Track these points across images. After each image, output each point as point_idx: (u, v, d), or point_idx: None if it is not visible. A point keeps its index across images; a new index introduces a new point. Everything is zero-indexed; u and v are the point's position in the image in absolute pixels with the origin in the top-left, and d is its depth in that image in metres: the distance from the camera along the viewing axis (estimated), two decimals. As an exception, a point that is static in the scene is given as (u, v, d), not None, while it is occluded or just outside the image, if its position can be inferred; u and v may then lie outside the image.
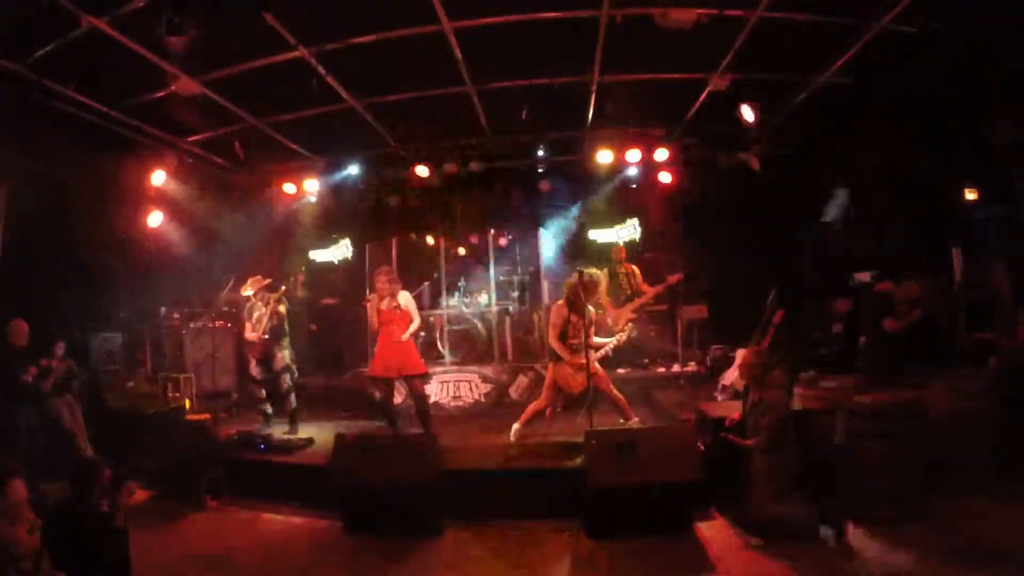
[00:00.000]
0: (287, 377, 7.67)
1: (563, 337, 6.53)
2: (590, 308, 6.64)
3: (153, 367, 8.78)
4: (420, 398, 7.28)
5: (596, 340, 6.70)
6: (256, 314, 7.54)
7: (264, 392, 7.68)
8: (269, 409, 7.70)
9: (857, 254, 8.79)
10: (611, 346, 6.84)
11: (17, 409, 6.23)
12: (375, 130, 8.90)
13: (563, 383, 6.58)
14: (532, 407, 6.79)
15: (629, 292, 9.16)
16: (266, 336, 7.47)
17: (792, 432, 5.14)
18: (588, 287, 6.41)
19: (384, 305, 7.03)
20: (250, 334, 7.55)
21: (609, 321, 8.69)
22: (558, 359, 6.56)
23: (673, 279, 8.95)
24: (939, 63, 6.57)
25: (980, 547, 4.51)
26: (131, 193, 8.61)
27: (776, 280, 8.06)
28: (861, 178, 8.56)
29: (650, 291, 9.11)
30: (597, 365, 6.56)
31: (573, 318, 6.50)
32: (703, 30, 6.12)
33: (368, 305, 7.19)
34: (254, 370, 7.62)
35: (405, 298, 7.13)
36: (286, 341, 7.71)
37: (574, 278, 6.47)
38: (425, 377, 7.96)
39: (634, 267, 9.40)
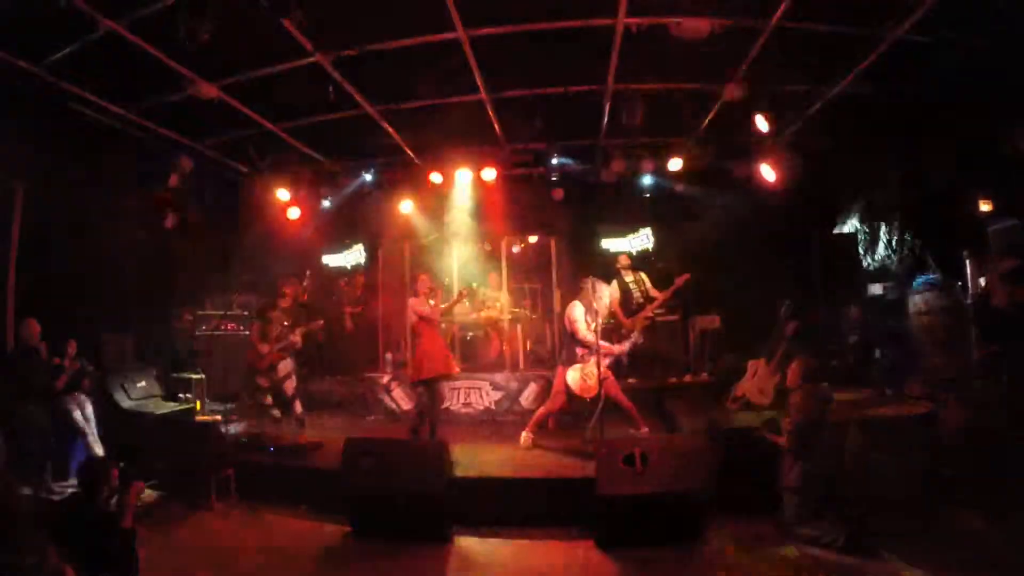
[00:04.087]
0: (291, 383, 7.71)
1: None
2: (600, 317, 6.66)
3: (164, 368, 8.79)
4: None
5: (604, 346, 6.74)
6: (275, 329, 7.71)
7: (270, 397, 7.71)
8: (277, 413, 7.73)
9: (871, 264, 8.71)
10: (619, 352, 6.85)
11: (28, 407, 6.25)
12: (390, 136, 8.93)
13: (574, 387, 6.58)
14: (541, 411, 6.84)
15: (641, 300, 9.12)
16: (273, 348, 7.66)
17: (820, 441, 5.12)
18: (591, 292, 6.58)
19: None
20: (261, 345, 7.61)
21: (624, 331, 8.65)
22: (569, 363, 6.58)
23: (680, 280, 8.89)
24: (954, 72, 6.53)
25: (991, 561, 4.45)
26: (146, 195, 8.67)
27: (790, 291, 8.04)
28: (875, 187, 8.48)
29: (660, 295, 9.07)
30: (608, 371, 6.57)
31: (588, 318, 6.57)
32: (718, 40, 6.13)
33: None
34: (259, 376, 7.66)
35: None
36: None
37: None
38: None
39: (642, 274, 9.35)
